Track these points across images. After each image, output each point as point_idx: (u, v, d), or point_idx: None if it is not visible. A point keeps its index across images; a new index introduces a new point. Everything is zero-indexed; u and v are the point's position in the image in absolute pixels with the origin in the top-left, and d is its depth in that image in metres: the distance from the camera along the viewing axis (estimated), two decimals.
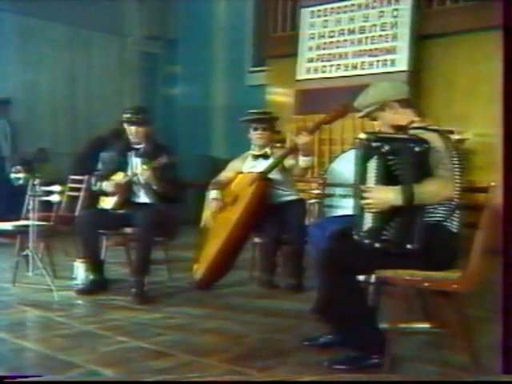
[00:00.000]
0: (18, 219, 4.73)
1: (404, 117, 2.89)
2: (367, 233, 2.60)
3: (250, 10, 8.99)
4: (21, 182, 4.18)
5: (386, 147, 2.56)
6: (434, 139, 2.65)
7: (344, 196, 3.68)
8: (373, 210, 2.58)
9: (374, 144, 2.60)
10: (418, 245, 2.54)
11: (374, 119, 2.98)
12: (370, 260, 2.66)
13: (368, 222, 2.61)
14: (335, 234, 2.91)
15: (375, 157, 2.60)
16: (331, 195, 4.07)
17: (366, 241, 2.58)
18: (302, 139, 3.99)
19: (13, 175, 4.21)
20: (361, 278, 2.89)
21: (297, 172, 4.35)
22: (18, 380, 2.40)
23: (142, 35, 9.65)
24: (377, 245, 2.57)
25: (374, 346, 2.70)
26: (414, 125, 2.83)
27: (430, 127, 2.78)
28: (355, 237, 2.63)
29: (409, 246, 2.54)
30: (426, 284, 2.62)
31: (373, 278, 2.95)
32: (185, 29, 9.60)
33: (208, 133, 9.25)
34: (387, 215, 2.57)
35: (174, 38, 9.81)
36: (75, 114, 8.99)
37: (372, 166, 2.61)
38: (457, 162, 2.68)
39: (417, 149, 2.55)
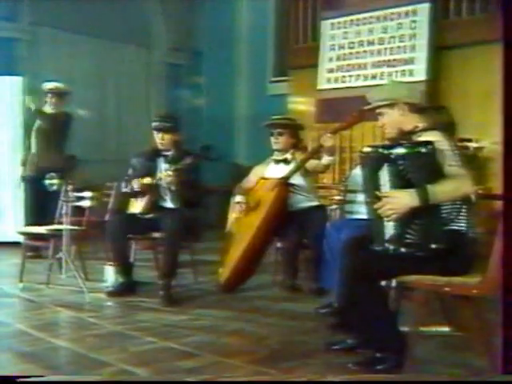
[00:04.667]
0: (51, 224, 4.77)
1: (410, 121, 2.88)
2: (390, 240, 2.58)
3: (271, 23, 8.99)
4: (54, 187, 4.22)
5: (395, 153, 2.56)
6: (437, 138, 2.64)
7: (364, 202, 3.65)
8: (393, 216, 2.56)
9: (382, 152, 2.60)
10: (443, 244, 2.51)
11: (380, 115, 2.96)
12: (391, 266, 2.63)
13: (389, 229, 2.59)
14: (353, 242, 2.89)
15: (386, 164, 2.59)
16: (352, 202, 4.06)
17: (391, 247, 2.56)
18: (329, 141, 4.01)
19: (47, 181, 4.24)
20: (382, 282, 2.87)
21: (319, 169, 4.41)
22: (22, 380, 2.43)
23: (168, 47, 9.69)
24: (402, 249, 2.54)
25: (396, 348, 2.67)
26: (417, 129, 2.82)
27: (431, 128, 2.78)
28: (377, 247, 2.61)
29: (433, 246, 2.51)
30: (447, 289, 2.59)
31: (394, 283, 2.92)
32: (209, 41, 9.61)
33: (231, 140, 9.25)
34: (407, 219, 2.55)
35: (199, 49, 9.83)
36: (104, 123, 9.05)
37: (384, 173, 2.61)
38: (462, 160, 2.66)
39: (423, 150, 2.54)
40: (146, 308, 3.99)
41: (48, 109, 5.99)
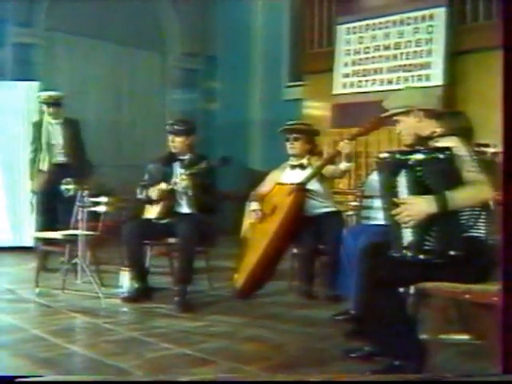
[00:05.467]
0: (66, 229, 4.80)
1: (426, 127, 2.86)
2: (409, 246, 2.56)
3: (286, 27, 8.96)
4: (70, 193, 4.24)
5: (412, 159, 2.55)
6: (455, 143, 2.62)
7: (381, 208, 3.63)
8: (411, 222, 2.55)
9: (400, 157, 2.59)
10: (461, 250, 2.49)
11: (397, 122, 2.95)
12: (409, 273, 2.61)
13: (407, 235, 2.57)
14: (371, 248, 2.87)
15: (403, 170, 2.57)
16: (369, 207, 4.05)
17: (409, 254, 2.54)
18: (347, 147, 4.01)
19: (63, 186, 4.27)
20: (400, 289, 2.85)
21: (336, 175, 4.41)
22: (21, 380, 2.44)
23: (182, 52, 9.74)
24: (421, 256, 2.52)
25: (414, 356, 2.65)
26: (434, 135, 2.81)
27: (448, 133, 2.76)
28: (395, 254, 2.59)
29: (452, 253, 2.49)
30: (467, 296, 2.56)
31: (412, 290, 2.90)
32: (223, 46, 9.64)
33: (246, 146, 9.25)
34: (425, 225, 2.53)
35: (213, 54, 9.86)
36: (119, 128, 9.10)
37: (402, 179, 2.59)
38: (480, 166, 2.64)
39: (441, 156, 2.52)
40: (162, 314, 4.00)
41: (50, 119, 5.72)
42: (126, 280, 4.32)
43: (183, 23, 9.59)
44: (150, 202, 4.47)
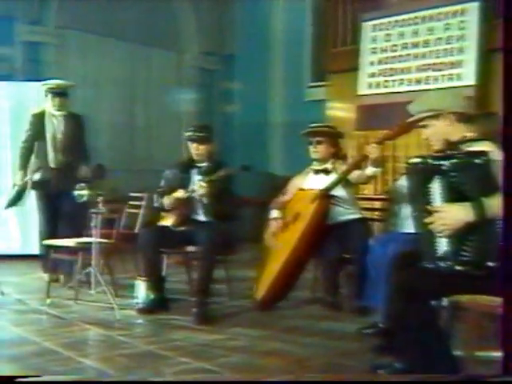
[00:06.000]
0: (78, 236, 4.83)
1: (457, 131, 2.83)
2: (444, 257, 2.53)
3: (308, 25, 8.95)
4: (84, 198, 4.27)
5: (447, 164, 2.52)
6: (489, 147, 2.59)
7: (411, 215, 3.61)
8: (446, 232, 2.52)
9: (432, 163, 2.56)
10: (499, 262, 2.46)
11: (424, 127, 2.92)
12: (444, 285, 2.58)
13: (442, 245, 2.54)
14: (401, 258, 2.85)
15: (437, 176, 2.55)
16: (397, 214, 4.02)
17: (444, 265, 2.51)
18: (374, 152, 3.99)
19: (76, 192, 4.30)
20: (433, 302, 2.82)
21: (362, 180, 4.39)
22: (20, 380, 2.48)
23: (200, 51, 9.78)
24: (457, 268, 2.49)
25: (448, 374, 2.62)
26: (465, 139, 2.77)
27: (481, 138, 2.72)
28: (428, 264, 2.56)
29: (490, 264, 2.46)
30: None
31: (445, 303, 2.87)
32: (242, 44, 9.66)
33: (266, 149, 9.27)
34: (462, 235, 2.50)
35: (231, 53, 9.89)
36: (133, 130, 9.16)
37: (435, 186, 2.56)
38: None
39: (477, 161, 2.49)
40: (179, 326, 4.00)
41: (53, 111, 5.41)
42: (141, 290, 4.33)
43: (200, 21, 9.63)
44: (167, 209, 4.48)
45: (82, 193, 4.22)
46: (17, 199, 5.27)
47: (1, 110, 6.84)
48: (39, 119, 5.38)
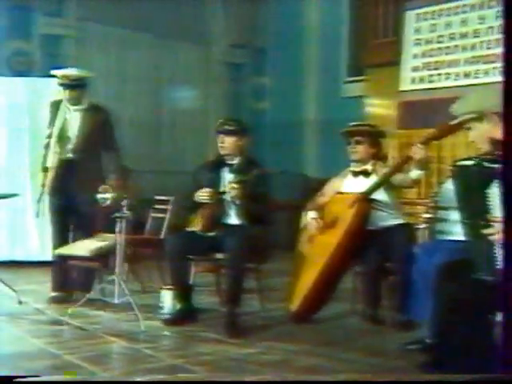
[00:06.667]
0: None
1: None
2: None
3: (346, 14, 8.91)
4: (108, 202, 4.28)
5: None
6: None
7: (461, 222, 3.56)
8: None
9: (489, 166, 2.50)
10: None
11: (469, 129, 2.87)
12: (497, 298, 2.54)
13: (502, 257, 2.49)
14: (451, 268, 2.80)
15: (495, 181, 2.49)
16: (444, 220, 3.97)
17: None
18: (419, 153, 3.94)
19: (99, 195, 4.31)
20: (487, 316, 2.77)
21: (406, 184, 4.35)
22: (19, 380, 2.54)
23: (228, 44, 9.80)
24: None
25: None
26: None
27: None
28: (485, 276, 2.52)
29: None
30: None
31: (501, 317, 2.82)
32: (274, 36, 9.66)
33: (299, 150, 9.25)
34: None
35: (262, 46, 9.90)
36: (158, 129, 9.20)
37: (493, 191, 2.51)
38: None
39: None
40: (208, 339, 3.99)
41: (67, 104, 5.06)
42: (167, 300, 4.34)
43: (229, 12, 9.65)
44: (195, 212, 4.48)
45: (105, 196, 4.23)
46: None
47: (19, 107, 6.92)
48: (55, 109, 5.07)
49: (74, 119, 5.01)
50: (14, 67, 7.81)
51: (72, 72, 5.03)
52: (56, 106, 5.07)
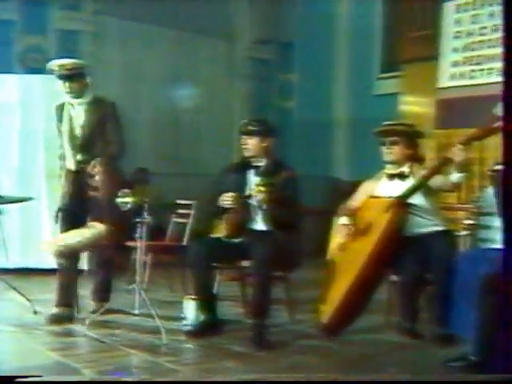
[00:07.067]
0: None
1: None
2: None
3: (379, 7, 8.88)
4: (129, 206, 4.30)
5: None
6: None
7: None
8: None
9: None
10: None
11: None
12: None
13: None
14: (498, 279, 2.76)
15: None
16: (487, 227, 3.93)
17: None
18: (460, 154, 3.91)
19: (120, 199, 4.32)
20: None
21: (446, 188, 4.32)
22: (22, 380, 2.59)
23: (253, 39, 9.81)
24: None
25: None
26: None
27: None
28: None
29: None
30: None
31: None
32: (301, 30, 9.66)
33: (329, 151, 9.25)
34: None
35: (289, 41, 9.90)
36: (179, 129, 9.23)
37: None
38: None
39: None
40: (233, 352, 3.98)
41: (69, 99, 4.93)
42: (190, 310, 4.33)
43: (254, 5, 9.67)
44: (219, 217, 4.48)
45: (126, 200, 4.25)
46: None
47: (33, 107, 6.96)
48: (60, 112, 4.99)
49: (79, 115, 4.91)
50: (28, 64, 7.89)
51: (68, 61, 4.86)
52: (60, 109, 4.99)
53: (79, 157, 4.87)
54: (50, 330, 4.48)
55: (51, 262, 6.54)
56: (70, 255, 4.71)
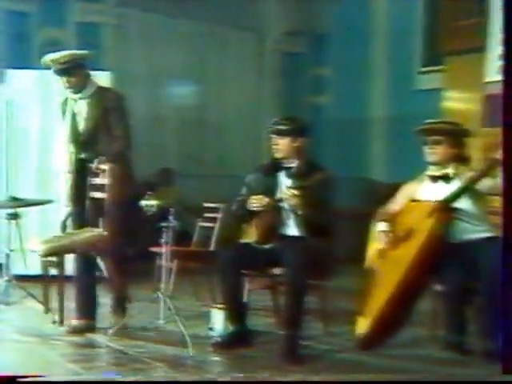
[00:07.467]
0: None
1: None
2: None
3: None
4: (153, 209, 4.31)
5: None
6: None
7: None
8: None
9: None
10: None
11: None
12: None
13: None
14: None
15: None
16: None
17: None
18: None
19: (144, 202, 4.34)
20: None
21: (495, 191, 4.23)
22: (23, 380, 2.70)
23: (283, 31, 9.81)
24: None
25: None
26: None
27: None
28: None
29: None
30: None
31: None
32: (335, 21, 9.64)
33: (365, 150, 9.23)
34: None
35: (322, 33, 9.89)
36: (204, 128, 9.26)
37: None
38: None
39: None
40: (264, 366, 3.97)
41: (70, 95, 4.86)
42: (218, 321, 4.36)
43: None
44: (249, 221, 4.50)
45: (150, 203, 4.26)
46: None
47: (51, 104, 6.99)
48: (64, 107, 4.93)
49: (82, 110, 4.82)
50: None
51: (60, 54, 4.72)
52: (64, 104, 4.93)
53: (83, 155, 4.83)
54: (70, 340, 4.52)
55: (71, 269, 6.63)
56: (59, 256, 4.72)
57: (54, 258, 4.74)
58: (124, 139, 4.79)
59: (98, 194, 4.72)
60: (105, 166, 4.64)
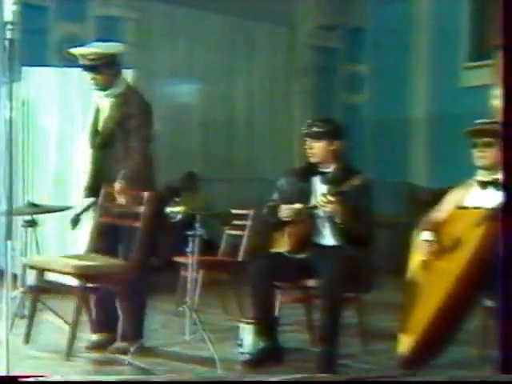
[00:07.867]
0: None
1: None
2: None
3: None
4: (179, 216, 4.32)
5: None
6: None
7: None
8: None
9: None
10: None
11: None
12: None
13: None
14: None
15: None
16: None
17: None
18: None
19: (169, 209, 4.35)
20: None
21: None
22: (23, 380, 2.73)
23: (317, 25, 9.79)
24: None
25: None
26: None
27: None
28: None
29: None
30: None
31: None
32: (374, 14, 9.62)
33: (406, 152, 9.20)
34: None
35: (359, 26, 9.86)
36: (232, 128, 9.26)
37: None
38: None
39: None
40: None
41: (98, 93, 4.82)
42: (248, 336, 4.32)
43: None
44: (280, 229, 4.49)
45: (177, 210, 4.27)
46: None
47: (71, 105, 7.01)
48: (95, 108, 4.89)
49: (105, 108, 4.76)
50: (65, 55, 7.97)
51: (90, 49, 4.67)
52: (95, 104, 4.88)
53: (98, 156, 4.74)
54: (90, 357, 4.51)
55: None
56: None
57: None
58: (139, 154, 4.61)
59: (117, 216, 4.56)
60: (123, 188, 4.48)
